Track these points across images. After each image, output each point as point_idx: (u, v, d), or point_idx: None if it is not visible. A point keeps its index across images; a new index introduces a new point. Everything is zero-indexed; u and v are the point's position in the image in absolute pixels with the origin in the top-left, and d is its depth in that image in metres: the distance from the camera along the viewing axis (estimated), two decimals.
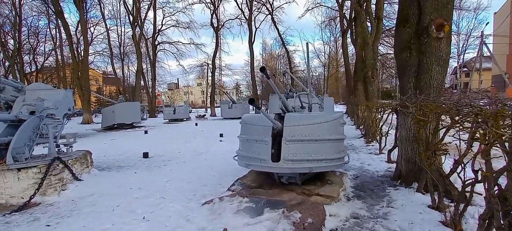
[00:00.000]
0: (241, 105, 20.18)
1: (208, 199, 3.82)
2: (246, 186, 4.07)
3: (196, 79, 60.26)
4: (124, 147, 9.04)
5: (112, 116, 14.51)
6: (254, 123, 3.51)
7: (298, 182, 3.83)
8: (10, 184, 4.01)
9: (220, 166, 5.83)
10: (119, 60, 32.65)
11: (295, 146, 3.25)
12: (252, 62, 26.52)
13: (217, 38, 26.26)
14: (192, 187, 4.42)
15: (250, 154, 3.48)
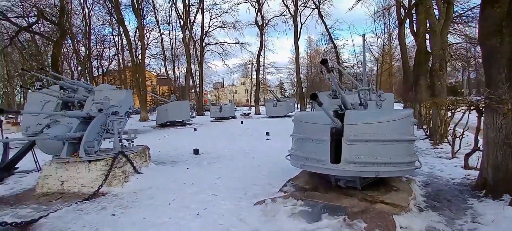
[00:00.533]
0: (285, 104, 19.91)
1: (260, 199, 3.70)
2: (299, 188, 3.84)
3: (240, 78, 61.67)
4: (176, 143, 9.54)
5: (165, 114, 15.57)
6: (310, 121, 3.26)
7: (358, 186, 3.46)
8: (82, 174, 4.43)
9: (269, 165, 5.69)
10: (170, 62, 35.11)
11: (357, 146, 2.91)
12: (297, 59, 25.96)
13: (261, 37, 26.38)
14: (242, 186, 4.35)
15: (305, 154, 3.24)
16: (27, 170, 5.82)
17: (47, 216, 3.43)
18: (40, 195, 4.31)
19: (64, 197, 4.21)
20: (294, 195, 3.47)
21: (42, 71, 11.78)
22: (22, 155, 5.68)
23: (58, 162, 4.43)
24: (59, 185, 4.42)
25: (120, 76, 32.70)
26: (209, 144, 8.88)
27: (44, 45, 23.72)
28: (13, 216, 3.51)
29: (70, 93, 9.80)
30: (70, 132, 4.40)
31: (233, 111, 20.49)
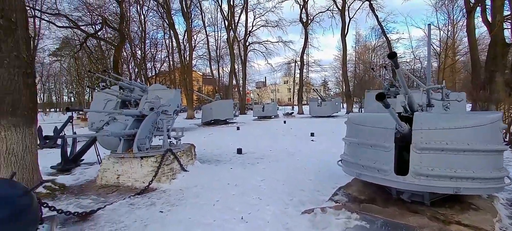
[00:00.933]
0: (330, 103, 18.98)
1: (307, 207, 3.41)
2: (352, 198, 3.45)
3: (283, 77, 61.14)
4: (220, 141, 9.70)
5: (210, 113, 16.08)
6: (369, 124, 2.86)
7: (426, 202, 2.94)
8: (135, 169, 4.67)
9: (315, 168, 5.33)
10: (215, 62, 36.45)
11: (430, 156, 2.44)
12: (344, 56, 24.57)
13: (305, 34, 25.64)
14: (287, 190, 4.11)
15: (362, 161, 2.86)
16: (91, 162, 6.44)
17: (104, 208, 3.65)
18: (99, 187, 4.67)
19: (119, 190, 4.49)
20: (347, 206, 3.10)
21: (105, 73, 13.10)
22: (86, 148, 6.29)
23: (115, 157, 4.74)
24: (115, 178, 4.73)
25: (170, 76, 35.03)
26: (252, 144, 8.81)
27: (107, 49, 26.61)
28: (76, 206, 3.82)
29: (128, 93, 10.69)
30: (125, 129, 4.67)
31: (276, 110, 20.27)
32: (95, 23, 20.05)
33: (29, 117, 4.13)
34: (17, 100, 3.94)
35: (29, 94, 4.15)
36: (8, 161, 3.86)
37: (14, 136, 3.89)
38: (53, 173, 5.64)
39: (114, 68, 18.18)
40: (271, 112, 19.89)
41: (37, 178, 4.31)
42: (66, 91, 45.42)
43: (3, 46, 3.78)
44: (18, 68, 3.93)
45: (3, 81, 3.78)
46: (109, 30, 22.72)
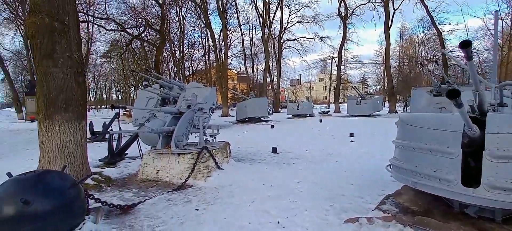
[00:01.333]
0: (371, 101, 17.81)
1: (350, 215, 3.12)
2: (403, 208, 3.06)
3: (318, 75, 59.44)
4: (254, 139, 9.64)
5: (244, 110, 16.16)
6: (428, 125, 2.47)
7: (497, 218, 2.47)
8: (172, 165, 4.77)
9: (357, 172, 4.94)
10: (249, 60, 36.70)
11: (509, 166, 2.00)
12: (388, 51, 22.79)
13: (344, 28, 24.40)
14: (327, 195, 3.83)
15: (420, 168, 2.49)
16: (133, 156, 6.80)
17: (144, 202, 3.76)
18: (141, 181, 4.86)
19: (158, 184, 4.62)
20: (398, 218, 2.75)
21: (147, 72, 13.88)
22: (129, 143, 6.65)
23: (154, 152, 4.89)
24: (155, 173, 4.88)
25: (206, 75, 36.18)
26: (287, 143, 8.58)
27: (150, 50, 28.32)
28: (119, 199, 4.00)
29: (167, 91, 11.17)
30: (164, 126, 4.78)
31: (311, 109, 19.67)
32: (139, 26, 21.42)
33: (80, 113, 4.43)
34: (70, 98, 4.24)
35: (80, 92, 4.44)
36: (62, 154, 4.18)
37: (66, 130, 4.20)
38: (100, 165, 6.05)
39: (155, 68, 19.24)
40: (306, 111, 19.36)
41: (86, 170, 4.61)
42: (114, 90, 49.55)
43: (57, 47, 4.08)
44: (70, 67, 4.22)
45: (57, 80, 4.09)
46: (151, 32, 24.15)
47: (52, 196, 2.69)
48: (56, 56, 4.05)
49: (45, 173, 2.92)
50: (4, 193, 2.54)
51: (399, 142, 2.91)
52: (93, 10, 21.17)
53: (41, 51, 4.00)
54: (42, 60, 4.01)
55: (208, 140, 5.55)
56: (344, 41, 24.73)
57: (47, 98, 4.09)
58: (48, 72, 4.04)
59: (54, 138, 4.13)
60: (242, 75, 48.39)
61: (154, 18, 23.44)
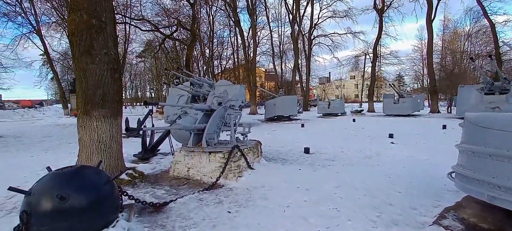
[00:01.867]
0: (411, 100, 16.47)
1: (403, 229, 2.73)
2: (469, 226, 2.59)
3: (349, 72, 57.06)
4: (284, 138, 9.32)
5: (273, 108, 15.87)
6: (505, 128, 2.00)
7: None
8: (203, 164, 4.66)
9: (404, 179, 4.42)
10: (278, 58, 36.27)
11: None
12: (430, 45, 20.78)
13: (380, 22, 22.86)
14: (371, 203, 3.43)
15: (500, 180, 2.03)
16: (165, 152, 6.87)
17: (175, 201, 3.67)
18: (172, 178, 4.83)
19: (189, 183, 4.54)
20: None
21: (178, 70, 14.19)
22: (161, 140, 6.73)
23: (185, 150, 4.83)
24: (186, 171, 4.82)
25: (235, 73, 36.46)
26: (319, 143, 8.15)
27: (181, 49, 29.17)
28: (151, 195, 3.96)
29: (197, 88, 11.31)
30: (196, 123, 4.69)
31: (343, 107, 18.76)
32: (171, 26, 22.09)
33: (116, 109, 4.49)
34: (106, 94, 4.30)
35: (116, 88, 4.50)
36: (99, 149, 4.26)
37: (103, 126, 4.27)
38: (134, 160, 6.18)
39: (186, 66, 19.70)
40: (337, 110, 18.51)
41: (121, 165, 4.68)
42: (148, 88, 52.10)
43: (95, 44, 4.15)
44: (107, 64, 4.28)
45: (94, 76, 4.16)
46: (182, 31, 24.83)
47: (87, 192, 2.66)
48: (93, 52, 4.12)
49: (81, 169, 2.92)
50: (43, 188, 2.55)
51: (467, 147, 2.44)
52: (130, 12, 22.30)
53: (80, 48, 4.08)
54: (81, 57, 4.10)
55: (239, 138, 5.38)
56: (379, 36, 23.14)
57: (85, 95, 4.18)
58: (87, 68, 4.12)
59: (92, 133, 4.22)
60: (270, 73, 48.08)
61: (185, 18, 24.08)
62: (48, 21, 23.29)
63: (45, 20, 23.19)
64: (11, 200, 3.84)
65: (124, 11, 21.91)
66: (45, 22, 23.32)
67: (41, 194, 2.50)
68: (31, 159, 6.94)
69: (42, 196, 2.49)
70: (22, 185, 4.56)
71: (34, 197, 2.50)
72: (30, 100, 47.37)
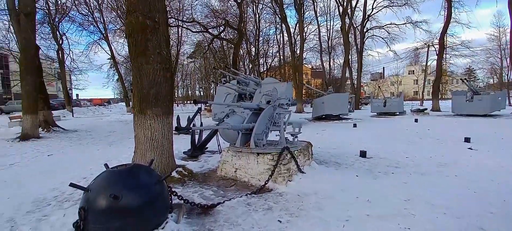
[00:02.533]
0: (489, 98, 13.95)
1: None
2: None
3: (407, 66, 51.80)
4: (335, 139, 8.67)
5: (321, 107, 15.07)
6: None
7: None
8: (251, 165, 4.44)
9: (494, 195, 3.57)
10: (325, 54, 34.66)
11: None
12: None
13: (449, 8, 19.80)
14: (456, 226, 2.77)
15: None
16: (213, 150, 6.91)
17: (223, 204, 3.52)
18: (220, 178, 4.73)
19: (236, 184, 4.38)
20: None
21: (225, 68, 14.42)
22: (209, 139, 6.77)
23: (233, 150, 4.68)
24: (233, 171, 4.67)
25: (280, 71, 36.03)
26: (377, 145, 7.33)
27: (228, 49, 29.91)
28: (200, 196, 3.89)
29: (244, 86, 11.28)
30: (243, 123, 4.50)
31: (402, 106, 16.84)
32: (219, 26, 22.74)
33: (167, 107, 4.56)
34: (159, 93, 4.38)
35: (168, 87, 4.57)
36: (152, 146, 4.37)
37: (155, 124, 4.36)
38: (184, 158, 6.32)
39: (233, 64, 20.03)
40: (395, 108, 16.69)
41: (172, 163, 4.76)
42: (197, 87, 55.02)
43: (149, 44, 4.24)
44: (159, 63, 4.35)
45: (148, 76, 4.26)
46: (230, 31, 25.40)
47: (140, 192, 2.64)
48: (148, 53, 4.21)
49: (135, 168, 2.93)
50: (98, 186, 2.60)
51: None
52: (182, 16, 23.64)
53: (136, 49, 4.22)
54: (137, 58, 4.23)
55: (289, 139, 5.04)
56: (447, 24, 20.03)
57: (140, 94, 4.32)
58: (141, 68, 4.24)
59: (146, 131, 4.35)
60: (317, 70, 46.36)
61: (232, 18, 24.57)
62: (114, 28, 26.12)
63: (112, 28, 26.06)
64: (78, 191, 4.16)
65: (177, 15, 23.30)
66: (112, 29, 26.22)
67: (97, 192, 2.54)
68: (97, 152, 7.68)
69: (98, 194, 2.53)
70: (89, 177, 5.00)
71: (91, 194, 2.55)
72: (100, 99, 54.24)
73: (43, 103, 12.63)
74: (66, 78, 28.91)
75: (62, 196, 4.04)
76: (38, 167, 6.07)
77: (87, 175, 5.01)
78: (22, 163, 6.40)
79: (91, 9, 21.77)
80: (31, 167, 6.08)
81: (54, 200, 3.90)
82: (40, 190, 4.29)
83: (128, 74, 42.50)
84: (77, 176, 4.94)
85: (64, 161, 6.53)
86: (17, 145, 8.84)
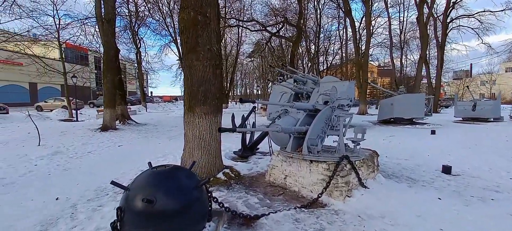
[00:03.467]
0: None
1: None
2: None
3: (504, 63, 42.45)
4: (407, 148, 7.36)
5: (390, 109, 13.28)
6: None
7: None
8: (303, 173, 3.92)
9: None
10: (396, 50, 30.91)
11: None
12: None
13: None
14: None
15: None
16: (264, 152, 6.58)
17: (268, 216, 3.12)
18: (267, 184, 4.34)
19: (285, 193, 3.92)
20: None
21: (282, 67, 13.98)
22: (260, 139, 6.45)
23: (283, 155, 4.24)
24: (283, 178, 4.23)
25: (342, 69, 33.70)
26: (465, 159, 5.88)
27: (287, 47, 29.36)
28: (243, 203, 3.57)
29: (301, 85, 10.66)
30: (296, 125, 4.01)
31: (499, 110, 13.59)
32: (278, 23, 22.41)
33: (216, 106, 4.39)
34: (208, 91, 4.24)
35: (217, 85, 4.39)
36: (199, 145, 4.26)
37: (204, 123, 4.23)
38: (234, 157, 6.16)
39: (291, 63, 19.43)
40: (489, 113, 13.54)
41: (219, 164, 4.58)
42: (255, 85, 56.05)
43: (200, 40, 4.12)
44: (209, 60, 4.20)
45: (198, 73, 4.15)
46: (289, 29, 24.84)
47: (176, 197, 2.44)
48: (198, 49, 4.09)
49: (174, 170, 2.76)
50: (136, 187, 2.49)
51: None
52: (242, 15, 24.15)
53: (187, 46, 4.15)
54: (188, 54, 4.16)
55: (350, 146, 4.32)
56: None
57: (190, 91, 4.24)
58: (192, 65, 4.15)
59: (194, 130, 4.25)
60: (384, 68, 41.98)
61: (292, 16, 23.92)
62: None
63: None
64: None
65: (238, 15, 23.91)
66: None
67: (135, 193, 2.42)
68: (159, 145, 8.20)
69: (135, 194, 2.41)
70: (145, 169, 5.27)
71: (129, 194, 2.46)
72: (169, 96, 60.32)
73: (120, 99, 14.37)
74: (143, 77, 32.79)
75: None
76: (109, 156, 6.75)
77: (144, 168, 5.25)
78: (97, 151, 7.22)
79: (163, 15, 24.05)
80: (104, 155, 6.79)
81: (112, 190, 4.11)
82: (104, 179, 4.62)
83: None
84: (135, 169, 5.22)
85: (130, 152, 7.13)
86: (98, 135, 10.18)
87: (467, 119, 14.44)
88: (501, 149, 7.00)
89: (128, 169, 5.33)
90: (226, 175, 4.47)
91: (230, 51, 37.98)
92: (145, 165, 5.37)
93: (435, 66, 24.52)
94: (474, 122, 13.81)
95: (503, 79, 42.54)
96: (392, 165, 5.51)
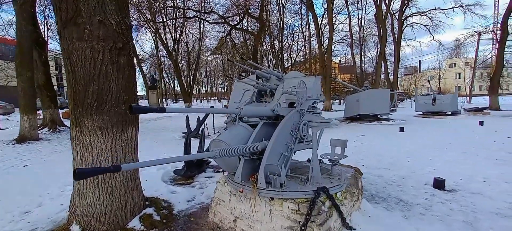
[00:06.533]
0: None
1: None
2: None
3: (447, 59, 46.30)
4: (381, 151, 6.48)
5: (356, 105, 12.70)
6: None
7: None
8: (260, 215, 2.55)
9: None
10: (356, 47, 31.50)
11: None
12: None
13: None
14: None
15: None
16: (218, 167, 5.11)
17: None
18: (211, 228, 2.90)
19: None
20: None
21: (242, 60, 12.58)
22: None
23: (232, 185, 2.82)
24: (232, 220, 2.81)
25: (305, 66, 33.44)
26: (451, 165, 5.07)
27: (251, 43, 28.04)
28: None
29: (264, 82, 9.39)
30: (248, 142, 2.60)
31: (456, 104, 13.84)
32: (238, 14, 20.97)
33: (123, 114, 2.80)
34: (105, 91, 2.68)
35: (122, 81, 2.81)
36: (94, 181, 2.64)
37: (101, 143, 2.62)
38: (175, 178, 4.61)
39: (253, 57, 18.16)
40: (447, 107, 13.72)
41: (135, 204, 3.00)
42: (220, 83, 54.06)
43: (82, 7, 2.48)
44: (103, 40, 2.60)
45: (84, 62, 2.51)
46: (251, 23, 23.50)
47: None
48: (82, 21, 2.46)
49: None
50: None
51: None
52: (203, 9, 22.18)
53: (62, 15, 2.48)
54: (65, 30, 2.50)
55: (325, 166, 3.07)
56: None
57: (74, 92, 2.59)
58: (72, 49, 2.51)
59: (84, 155, 2.63)
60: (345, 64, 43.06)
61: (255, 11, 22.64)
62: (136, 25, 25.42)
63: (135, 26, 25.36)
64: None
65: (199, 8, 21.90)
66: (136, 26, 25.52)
67: None
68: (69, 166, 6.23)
69: None
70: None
71: None
72: None
73: (49, 102, 11.79)
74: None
75: None
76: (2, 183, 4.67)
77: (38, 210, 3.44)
78: None
79: None
80: None
81: None
82: None
83: (154, 70, 42.16)
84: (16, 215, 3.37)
85: (36, 177, 5.08)
86: (8, 148, 7.80)
87: (427, 113, 14.56)
88: (478, 148, 6.42)
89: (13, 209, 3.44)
90: (147, 220, 2.92)
91: (192, 47, 35.63)
92: (46, 204, 3.57)
93: (392, 62, 25.24)
94: (434, 116, 13.92)
95: (447, 74, 46.39)
96: (373, 179, 4.43)
